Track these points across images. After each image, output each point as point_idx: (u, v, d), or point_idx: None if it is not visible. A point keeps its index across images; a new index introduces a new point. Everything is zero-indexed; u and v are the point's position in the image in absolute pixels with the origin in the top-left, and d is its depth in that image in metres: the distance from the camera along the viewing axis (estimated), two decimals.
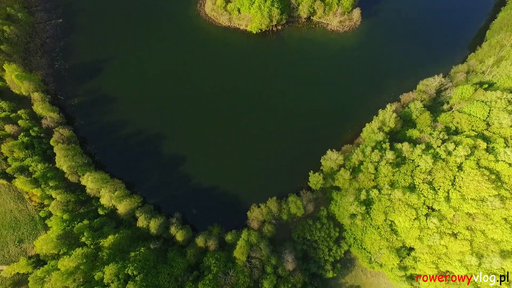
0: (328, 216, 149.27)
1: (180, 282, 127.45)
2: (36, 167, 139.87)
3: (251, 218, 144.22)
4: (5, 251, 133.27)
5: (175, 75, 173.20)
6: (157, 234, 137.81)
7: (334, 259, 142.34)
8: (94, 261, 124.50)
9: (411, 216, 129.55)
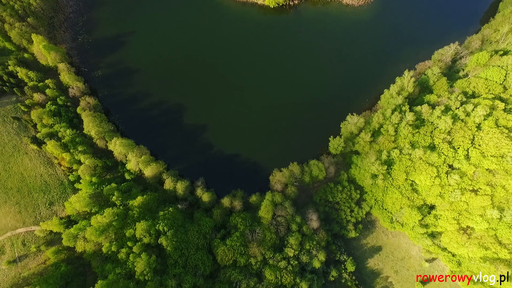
0: (348, 180, 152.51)
1: (208, 239, 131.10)
2: (64, 132, 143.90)
3: (273, 181, 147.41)
4: (36, 212, 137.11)
5: (194, 48, 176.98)
6: (184, 197, 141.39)
7: (356, 220, 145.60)
8: (125, 219, 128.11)
9: (432, 174, 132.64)
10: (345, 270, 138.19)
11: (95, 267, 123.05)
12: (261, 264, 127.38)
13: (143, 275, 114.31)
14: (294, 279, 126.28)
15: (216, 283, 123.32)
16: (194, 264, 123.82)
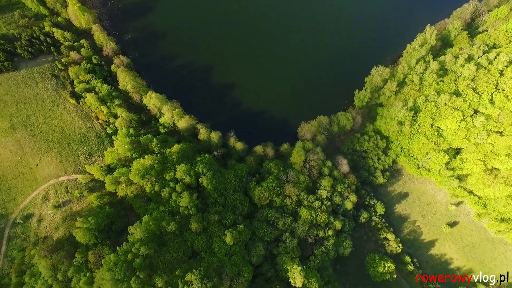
0: (374, 131, 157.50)
1: (244, 183, 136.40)
2: (101, 87, 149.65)
3: (302, 132, 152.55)
4: (77, 162, 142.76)
5: (220, 9, 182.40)
6: (217, 145, 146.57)
7: (383, 167, 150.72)
8: (165, 164, 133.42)
9: (458, 118, 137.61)
10: (375, 213, 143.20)
11: (137, 208, 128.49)
12: (296, 204, 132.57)
13: (187, 210, 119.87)
14: (328, 218, 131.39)
15: (253, 222, 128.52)
16: (232, 204, 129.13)
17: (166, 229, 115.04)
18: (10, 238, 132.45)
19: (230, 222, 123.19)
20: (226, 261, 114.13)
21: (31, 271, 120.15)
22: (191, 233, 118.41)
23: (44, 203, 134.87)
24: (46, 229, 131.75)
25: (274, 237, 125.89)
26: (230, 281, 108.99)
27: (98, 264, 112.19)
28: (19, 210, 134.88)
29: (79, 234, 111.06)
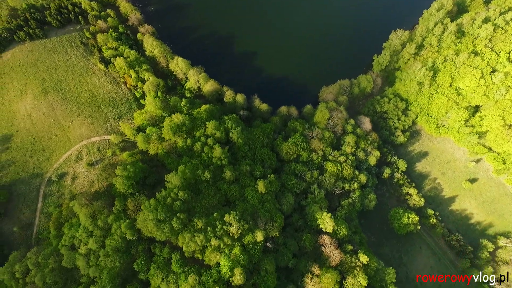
0: (393, 94, 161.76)
1: (270, 139, 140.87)
2: (129, 53, 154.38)
3: (323, 96, 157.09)
4: (107, 124, 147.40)
5: None
6: (243, 107, 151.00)
7: (403, 127, 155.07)
8: (194, 121, 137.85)
9: (477, 76, 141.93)
10: (397, 169, 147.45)
11: (169, 164, 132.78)
12: (321, 159, 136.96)
13: (219, 160, 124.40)
14: (353, 172, 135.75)
15: (281, 176, 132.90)
16: (261, 158, 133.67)
17: (201, 178, 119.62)
18: (46, 196, 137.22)
19: (260, 174, 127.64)
20: (259, 208, 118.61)
21: (70, 223, 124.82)
22: (225, 182, 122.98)
23: (77, 162, 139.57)
24: (80, 186, 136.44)
25: (302, 189, 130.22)
26: (264, 225, 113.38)
27: (136, 211, 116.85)
28: (53, 169, 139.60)
29: (119, 182, 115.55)
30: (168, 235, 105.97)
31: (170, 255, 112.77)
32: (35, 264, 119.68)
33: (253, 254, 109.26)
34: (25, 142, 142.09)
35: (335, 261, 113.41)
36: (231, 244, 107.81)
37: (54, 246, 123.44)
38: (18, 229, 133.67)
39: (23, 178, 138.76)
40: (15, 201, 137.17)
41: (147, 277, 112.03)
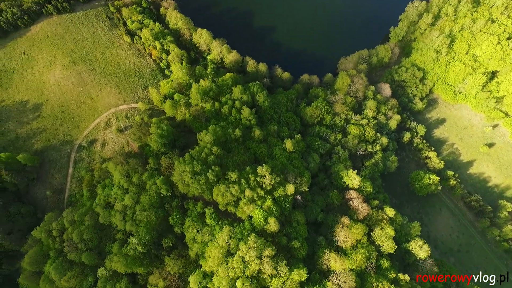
0: (410, 64, 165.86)
1: (294, 105, 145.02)
2: (153, 25, 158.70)
3: (342, 66, 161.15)
4: (134, 93, 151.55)
5: None
6: (265, 75, 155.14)
7: (421, 95, 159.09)
8: (220, 87, 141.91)
9: (494, 42, 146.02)
10: (416, 134, 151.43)
11: (197, 128, 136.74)
12: (344, 122, 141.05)
13: (248, 121, 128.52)
14: (375, 134, 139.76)
15: (307, 137, 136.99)
16: (286, 121, 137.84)
17: (231, 136, 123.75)
18: (76, 162, 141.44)
19: (287, 135, 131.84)
20: (287, 165, 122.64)
21: (103, 184, 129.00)
22: (253, 141, 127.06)
23: (106, 129, 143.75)
24: (110, 152, 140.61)
25: (326, 150, 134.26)
26: (294, 179, 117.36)
27: (170, 168, 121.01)
28: (83, 136, 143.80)
29: (153, 139, 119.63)
30: (204, 187, 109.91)
31: (203, 210, 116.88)
32: (71, 222, 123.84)
33: (284, 206, 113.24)
34: (55, 111, 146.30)
35: (363, 214, 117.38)
36: (264, 196, 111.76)
37: (88, 206, 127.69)
38: (51, 193, 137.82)
39: (54, 145, 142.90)
40: (47, 167, 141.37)
41: (182, 230, 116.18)
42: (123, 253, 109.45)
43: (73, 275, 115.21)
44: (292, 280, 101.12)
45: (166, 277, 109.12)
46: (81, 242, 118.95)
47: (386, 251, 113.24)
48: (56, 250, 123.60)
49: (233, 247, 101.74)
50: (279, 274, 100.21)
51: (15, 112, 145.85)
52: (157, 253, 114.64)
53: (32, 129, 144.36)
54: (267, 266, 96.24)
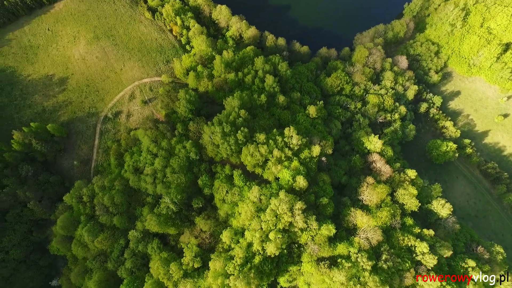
0: (425, 39, 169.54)
1: (314, 75, 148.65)
2: (174, 2, 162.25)
3: (358, 41, 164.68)
4: (156, 67, 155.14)
5: None
6: (284, 49, 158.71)
7: (436, 68, 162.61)
8: (243, 59, 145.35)
9: (508, 13, 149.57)
10: (432, 105, 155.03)
11: (220, 98, 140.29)
12: (363, 92, 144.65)
13: (272, 88, 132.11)
14: (394, 103, 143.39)
15: (328, 106, 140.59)
16: (307, 91, 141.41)
17: (257, 102, 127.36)
18: (102, 133, 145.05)
19: (309, 103, 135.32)
20: (311, 129, 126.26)
21: (131, 152, 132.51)
22: (277, 108, 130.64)
23: (131, 101, 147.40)
24: (135, 123, 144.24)
25: (347, 118, 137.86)
26: (319, 142, 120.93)
27: (197, 133, 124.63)
28: (108, 108, 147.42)
29: (182, 103, 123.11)
30: (233, 148, 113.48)
31: (231, 172, 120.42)
32: (101, 187, 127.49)
33: (310, 167, 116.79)
34: (80, 84, 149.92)
35: (386, 176, 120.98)
36: (290, 157, 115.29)
37: (116, 173, 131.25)
38: (78, 163, 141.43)
39: (80, 117, 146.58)
40: (74, 138, 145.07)
41: (211, 192, 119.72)
42: (156, 213, 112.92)
43: (105, 237, 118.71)
44: (321, 235, 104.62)
45: (198, 235, 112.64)
46: (112, 205, 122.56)
47: (410, 209, 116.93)
48: (86, 215, 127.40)
49: (264, 203, 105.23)
50: (309, 228, 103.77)
51: (41, 86, 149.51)
52: (187, 213, 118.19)
53: (58, 102, 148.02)
54: (298, 218, 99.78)
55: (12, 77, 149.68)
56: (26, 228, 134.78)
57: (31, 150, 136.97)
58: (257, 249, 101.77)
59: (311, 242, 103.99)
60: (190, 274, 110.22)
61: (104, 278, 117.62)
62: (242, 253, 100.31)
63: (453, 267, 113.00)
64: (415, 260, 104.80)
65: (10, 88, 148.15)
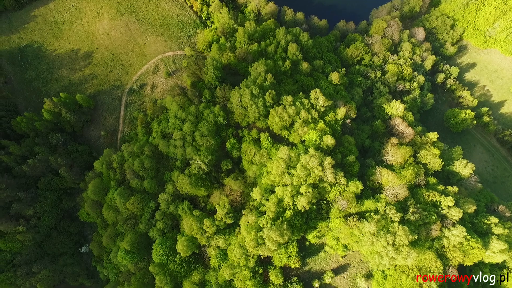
0: (440, 13, 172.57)
1: (333, 47, 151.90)
2: None
3: (374, 16, 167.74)
4: (179, 42, 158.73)
5: None
6: (302, 23, 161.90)
7: (452, 40, 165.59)
8: (264, 31, 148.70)
9: None
10: (449, 75, 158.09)
11: (243, 69, 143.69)
12: (382, 62, 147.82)
13: (295, 55, 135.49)
14: (412, 72, 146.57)
15: (348, 75, 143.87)
16: (328, 60, 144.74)
17: (281, 69, 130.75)
18: (128, 104, 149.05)
19: (330, 71, 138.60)
20: (334, 95, 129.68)
21: (158, 119, 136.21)
22: (301, 74, 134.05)
23: (155, 74, 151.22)
24: (160, 94, 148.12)
25: (367, 86, 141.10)
26: (344, 105, 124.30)
27: (224, 99, 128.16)
28: (132, 81, 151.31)
29: (209, 69, 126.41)
30: (261, 110, 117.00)
31: (258, 136, 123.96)
32: (131, 153, 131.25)
33: (336, 129, 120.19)
34: (105, 58, 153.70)
35: (408, 138, 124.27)
36: (316, 119, 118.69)
37: (145, 140, 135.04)
38: (105, 133, 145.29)
39: (106, 90, 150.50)
40: (100, 110, 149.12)
41: (239, 154, 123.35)
42: (187, 174, 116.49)
43: (136, 200, 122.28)
44: (348, 191, 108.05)
45: (229, 193, 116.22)
46: (142, 170, 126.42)
47: (433, 169, 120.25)
48: (116, 180, 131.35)
49: (293, 159, 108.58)
50: (338, 184, 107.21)
51: (67, 60, 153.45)
52: (216, 175, 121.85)
53: (84, 76, 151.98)
54: (329, 172, 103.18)
55: (38, 52, 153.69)
56: (56, 196, 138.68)
57: (60, 120, 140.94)
58: (288, 204, 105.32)
59: (339, 198, 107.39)
60: (222, 231, 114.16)
61: (136, 239, 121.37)
62: (273, 207, 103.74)
63: (476, 225, 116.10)
64: (440, 214, 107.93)
65: (37, 62, 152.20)
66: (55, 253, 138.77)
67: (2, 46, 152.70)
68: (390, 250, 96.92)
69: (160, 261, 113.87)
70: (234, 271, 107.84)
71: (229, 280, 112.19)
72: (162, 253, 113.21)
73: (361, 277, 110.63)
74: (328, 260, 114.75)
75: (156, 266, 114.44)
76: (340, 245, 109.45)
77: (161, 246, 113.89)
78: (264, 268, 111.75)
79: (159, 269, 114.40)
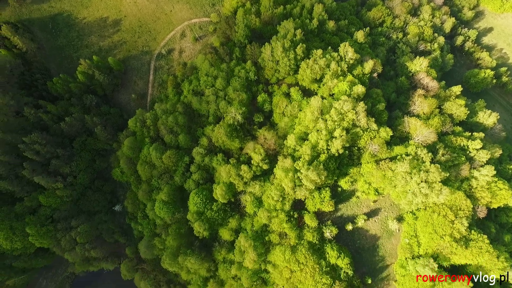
0: None
1: (355, 11, 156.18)
2: None
3: None
4: (204, 9, 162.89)
5: None
6: None
7: (469, 5, 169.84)
8: None
9: None
10: (468, 38, 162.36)
11: (269, 32, 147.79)
12: (404, 24, 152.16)
13: (321, 15, 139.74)
14: (433, 33, 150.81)
15: (370, 36, 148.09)
16: (351, 22, 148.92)
17: (309, 27, 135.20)
18: (156, 69, 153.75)
19: (355, 31, 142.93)
20: (360, 51, 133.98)
21: (189, 80, 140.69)
22: (327, 33, 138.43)
23: (182, 39, 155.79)
24: (188, 58, 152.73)
25: (390, 47, 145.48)
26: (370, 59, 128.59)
27: (254, 57, 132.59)
28: (160, 46, 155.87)
29: (240, 28, 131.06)
30: (293, 62, 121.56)
31: (288, 91, 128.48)
32: (164, 111, 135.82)
33: (364, 81, 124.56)
34: (133, 25, 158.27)
35: (433, 91, 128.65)
36: (346, 72, 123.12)
37: (176, 99, 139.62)
38: (135, 96, 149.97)
39: (135, 55, 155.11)
40: (129, 74, 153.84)
41: (270, 108, 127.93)
42: (222, 125, 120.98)
43: (171, 154, 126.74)
44: (379, 137, 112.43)
45: (263, 142, 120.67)
46: (176, 125, 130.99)
47: (458, 119, 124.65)
48: (150, 137, 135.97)
49: (326, 106, 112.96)
50: (370, 129, 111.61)
51: (96, 28, 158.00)
52: (249, 128, 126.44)
53: (113, 42, 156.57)
54: (362, 116, 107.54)
55: (68, 20, 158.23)
56: (90, 157, 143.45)
57: (92, 83, 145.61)
58: (322, 147, 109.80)
59: (370, 143, 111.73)
60: (258, 178, 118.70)
61: (172, 191, 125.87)
62: (308, 151, 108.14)
63: (501, 171, 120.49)
64: (468, 156, 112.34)
65: (67, 30, 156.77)
66: (90, 210, 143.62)
67: (33, 14, 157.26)
68: (423, 186, 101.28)
69: (197, 209, 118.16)
70: (271, 215, 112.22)
71: (264, 225, 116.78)
72: (199, 201, 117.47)
73: (392, 219, 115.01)
74: (359, 206, 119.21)
75: (194, 213, 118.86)
76: (372, 189, 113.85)
77: (198, 195, 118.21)
78: (299, 213, 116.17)
79: (197, 217, 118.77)
